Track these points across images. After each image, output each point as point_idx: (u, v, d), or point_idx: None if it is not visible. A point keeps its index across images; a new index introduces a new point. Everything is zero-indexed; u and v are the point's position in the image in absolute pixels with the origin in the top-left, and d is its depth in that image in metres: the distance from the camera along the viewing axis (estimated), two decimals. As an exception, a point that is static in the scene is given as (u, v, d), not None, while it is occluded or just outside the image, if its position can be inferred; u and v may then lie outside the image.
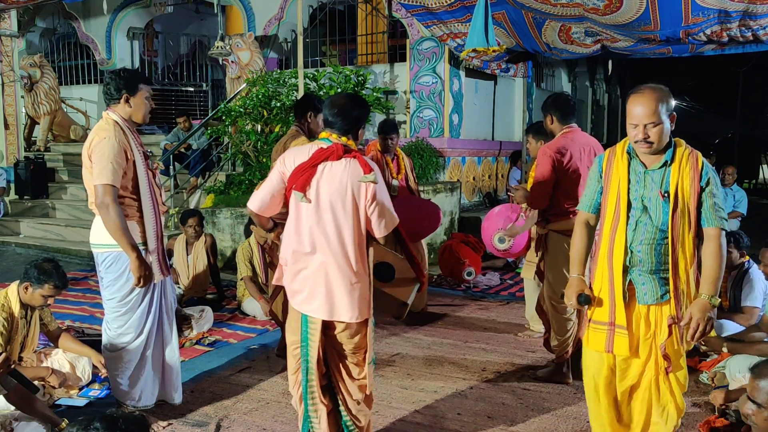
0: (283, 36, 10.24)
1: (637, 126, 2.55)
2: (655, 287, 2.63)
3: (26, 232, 8.93)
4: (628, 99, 2.60)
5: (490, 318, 5.56)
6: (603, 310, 2.72)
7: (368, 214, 2.79)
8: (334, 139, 2.82)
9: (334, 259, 2.75)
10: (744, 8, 5.26)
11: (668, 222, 2.58)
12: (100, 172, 3.09)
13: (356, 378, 2.91)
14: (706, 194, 2.58)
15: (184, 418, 3.51)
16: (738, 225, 7.38)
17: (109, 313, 3.34)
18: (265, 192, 2.89)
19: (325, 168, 2.77)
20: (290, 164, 2.83)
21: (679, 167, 2.58)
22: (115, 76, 3.26)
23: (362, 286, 2.81)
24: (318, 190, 2.76)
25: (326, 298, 2.77)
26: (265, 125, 7.70)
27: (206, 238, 5.90)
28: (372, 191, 2.76)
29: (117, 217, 3.10)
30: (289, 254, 2.83)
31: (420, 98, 8.93)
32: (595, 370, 2.80)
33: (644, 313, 2.67)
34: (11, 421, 3.11)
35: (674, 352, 2.66)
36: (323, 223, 2.76)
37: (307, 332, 2.82)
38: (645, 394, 2.74)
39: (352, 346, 2.87)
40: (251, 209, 2.94)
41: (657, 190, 2.59)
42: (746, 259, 4.58)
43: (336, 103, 2.86)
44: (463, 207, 8.93)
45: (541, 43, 7.00)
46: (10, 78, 9.50)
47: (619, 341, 2.68)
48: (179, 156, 8.93)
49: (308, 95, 4.97)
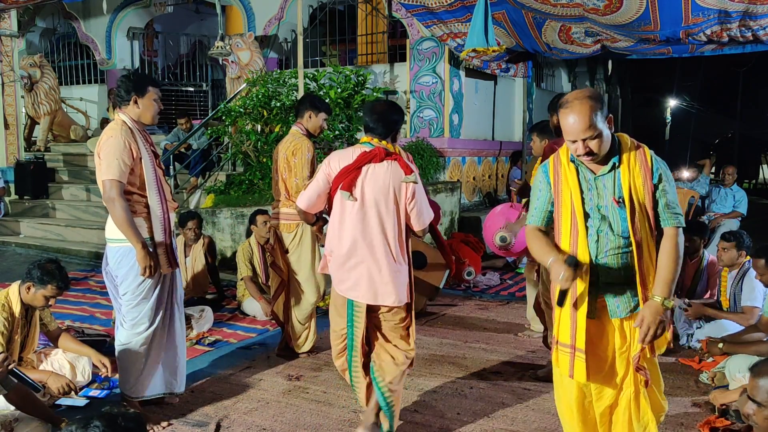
0: (283, 36, 10.24)
1: (576, 142, 2.40)
2: (627, 299, 2.49)
3: (26, 232, 8.93)
4: (559, 112, 2.44)
5: (489, 318, 5.56)
6: (566, 331, 2.53)
7: (408, 210, 3.13)
8: (375, 143, 3.14)
9: (378, 251, 3.09)
10: (744, 8, 5.26)
11: (628, 228, 2.43)
12: (107, 168, 3.24)
13: (402, 348, 3.21)
14: (660, 193, 2.45)
15: (184, 418, 3.51)
16: (738, 225, 7.38)
17: (124, 307, 3.41)
18: (312, 192, 3.26)
19: (369, 169, 3.10)
20: (335, 166, 3.16)
21: (628, 168, 2.44)
22: (125, 79, 3.41)
23: (403, 273, 3.15)
24: (363, 190, 3.10)
25: (370, 284, 3.10)
26: (265, 125, 7.69)
27: (204, 240, 5.90)
28: (412, 190, 3.11)
29: (122, 211, 3.22)
30: (335, 246, 3.17)
31: (420, 98, 8.92)
32: (565, 392, 2.63)
33: (618, 326, 2.52)
34: (11, 421, 3.11)
35: (648, 362, 2.53)
36: (368, 218, 3.09)
37: (352, 315, 3.16)
38: (625, 414, 2.57)
39: (394, 323, 3.19)
40: (300, 206, 3.32)
41: (611, 198, 2.45)
42: (747, 258, 4.58)
43: (375, 110, 3.21)
44: (464, 207, 8.93)
45: (541, 43, 7.00)
46: (10, 78, 9.50)
47: (578, 366, 2.48)
48: (179, 156, 8.93)
49: (308, 95, 4.98)
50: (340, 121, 7.75)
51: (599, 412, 2.62)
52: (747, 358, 3.68)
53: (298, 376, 4.17)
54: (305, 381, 4.08)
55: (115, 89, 3.45)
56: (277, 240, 4.38)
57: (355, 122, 7.80)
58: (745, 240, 4.58)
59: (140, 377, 3.45)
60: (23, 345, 3.63)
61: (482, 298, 6.30)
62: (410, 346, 3.23)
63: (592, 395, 2.60)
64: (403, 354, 3.20)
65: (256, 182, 7.75)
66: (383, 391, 3.14)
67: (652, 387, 2.58)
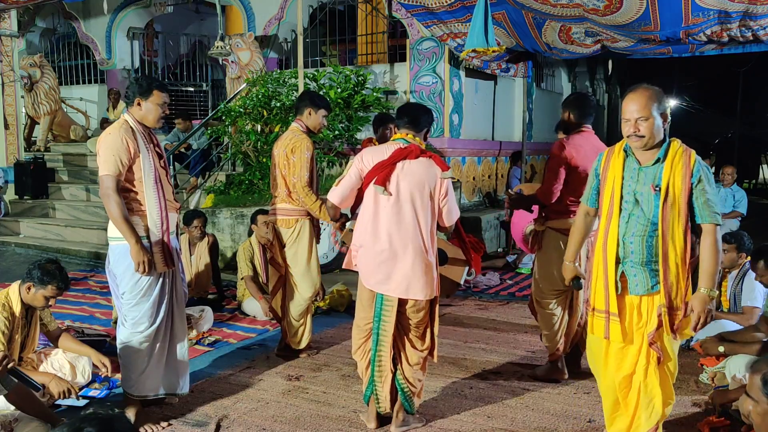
0: (283, 36, 10.23)
1: (628, 120, 2.72)
2: (645, 278, 2.77)
3: (26, 232, 8.93)
4: (624, 97, 2.78)
5: (489, 318, 5.56)
6: (600, 299, 2.88)
7: (440, 206, 3.26)
8: (409, 138, 3.27)
9: (411, 245, 3.16)
10: (744, 8, 5.25)
11: (659, 214, 2.71)
12: (103, 164, 3.28)
13: (419, 349, 3.30)
14: (698, 191, 2.71)
15: (184, 418, 3.51)
16: (738, 225, 7.37)
17: (124, 307, 3.41)
18: (345, 187, 3.32)
19: (404, 165, 3.19)
20: (369, 162, 3.24)
21: (671, 164, 2.73)
22: (134, 80, 3.47)
23: (433, 268, 3.24)
24: (398, 185, 3.19)
25: (402, 278, 3.16)
26: (265, 125, 7.69)
27: (208, 238, 5.91)
28: (446, 186, 3.23)
29: (116, 206, 3.25)
30: (368, 240, 3.22)
31: (420, 98, 8.92)
32: (599, 354, 2.99)
33: (636, 303, 2.83)
34: (11, 421, 3.11)
35: (669, 345, 2.81)
36: (403, 213, 3.18)
37: (381, 309, 3.23)
38: (639, 382, 2.87)
39: (417, 321, 3.27)
40: (333, 202, 3.37)
41: (650, 185, 2.74)
42: (747, 259, 4.58)
43: (412, 108, 3.42)
44: (463, 207, 8.93)
45: (541, 43, 7.00)
46: (10, 78, 9.49)
47: (613, 328, 2.85)
48: (179, 156, 8.92)
49: (308, 92, 4.96)
50: (340, 121, 7.75)
51: (618, 381, 2.92)
52: (747, 358, 3.69)
53: (298, 376, 4.17)
54: (305, 381, 4.08)
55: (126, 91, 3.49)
56: (276, 235, 4.39)
57: (355, 122, 7.80)
58: (745, 242, 4.58)
59: (142, 376, 3.44)
60: (23, 345, 3.63)
61: (482, 298, 6.30)
62: (425, 345, 3.32)
63: (615, 365, 2.91)
64: (417, 354, 3.30)
65: (256, 182, 7.75)
66: (403, 386, 3.29)
67: (665, 369, 2.85)
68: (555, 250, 3.92)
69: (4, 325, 3.43)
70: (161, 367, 3.50)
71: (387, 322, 3.23)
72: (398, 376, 3.31)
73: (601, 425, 3.45)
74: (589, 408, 3.67)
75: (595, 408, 3.66)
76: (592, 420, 3.52)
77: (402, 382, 3.31)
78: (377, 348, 3.27)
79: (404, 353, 3.31)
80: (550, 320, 4.05)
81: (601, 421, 3.48)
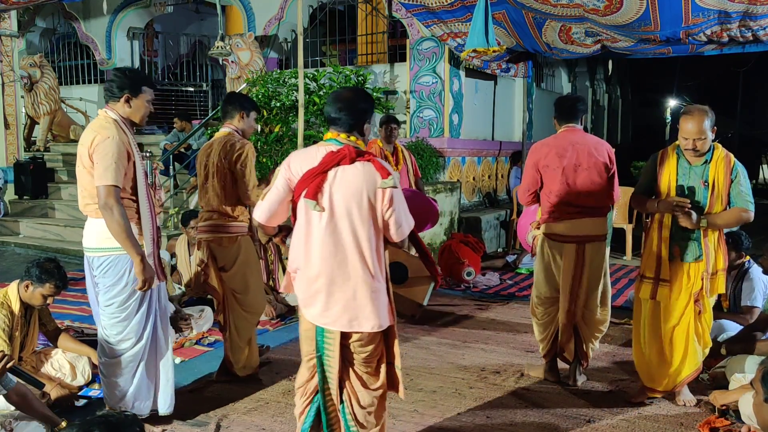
0: (283, 36, 10.23)
1: (687, 139, 3.39)
2: (695, 249, 3.49)
3: (26, 232, 8.93)
4: (681, 116, 3.43)
5: (489, 318, 5.56)
6: (651, 268, 3.58)
7: (385, 218, 2.62)
8: (342, 139, 2.65)
9: (352, 268, 2.59)
10: (744, 9, 5.25)
11: (708, 203, 3.45)
12: (104, 173, 2.99)
13: (371, 388, 2.74)
14: (735, 184, 3.45)
15: (184, 419, 3.50)
16: (738, 225, 7.37)
17: (107, 319, 3.22)
18: (272, 202, 2.72)
19: (338, 173, 2.58)
20: (297, 170, 2.64)
21: (715, 165, 3.45)
22: (120, 74, 3.17)
23: (383, 292, 2.66)
24: (332, 197, 2.58)
25: (344, 308, 2.61)
26: (265, 125, 7.69)
27: (208, 238, 5.87)
28: (389, 196, 2.59)
29: (122, 219, 3.00)
30: (300, 264, 2.67)
31: (420, 98, 8.92)
32: (644, 313, 3.65)
33: (686, 269, 3.52)
34: (11, 421, 3.11)
35: (705, 301, 3.53)
36: (339, 230, 2.58)
37: (323, 343, 2.68)
38: (683, 330, 3.54)
39: (365, 356, 2.69)
40: (258, 221, 2.79)
41: (699, 181, 3.46)
42: (746, 259, 4.59)
43: (340, 98, 2.69)
44: (463, 207, 8.93)
45: (542, 43, 7.00)
46: (10, 78, 9.50)
47: (661, 291, 3.56)
48: (179, 156, 8.92)
49: (235, 94, 4.62)
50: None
51: (665, 330, 3.58)
52: (747, 357, 3.69)
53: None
54: (305, 381, 4.07)
55: (107, 83, 3.19)
56: (211, 256, 3.90)
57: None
58: (744, 242, 4.58)
59: (126, 393, 3.26)
60: (23, 345, 3.63)
61: (482, 298, 6.29)
62: (379, 383, 2.74)
63: (662, 317, 3.58)
64: (370, 395, 2.72)
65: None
66: (350, 425, 2.73)
67: (704, 320, 3.56)
68: (542, 255, 4.00)
69: (4, 323, 3.44)
70: (146, 384, 3.32)
71: (332, 358, 2.67)
72: (346, 417, 2.73)
73: (602, 425, 3.45)
74: (589, 408, 3.67)
75: (595, 408, 3.66)
76: (592, 420, 3.52)
77: (351, 423, 2.72)
78: (323, 386, 2.72)
79: (353, 393, 2.72)
80: (540, 328, 4.09)
81: (602, 421, 3.49)
